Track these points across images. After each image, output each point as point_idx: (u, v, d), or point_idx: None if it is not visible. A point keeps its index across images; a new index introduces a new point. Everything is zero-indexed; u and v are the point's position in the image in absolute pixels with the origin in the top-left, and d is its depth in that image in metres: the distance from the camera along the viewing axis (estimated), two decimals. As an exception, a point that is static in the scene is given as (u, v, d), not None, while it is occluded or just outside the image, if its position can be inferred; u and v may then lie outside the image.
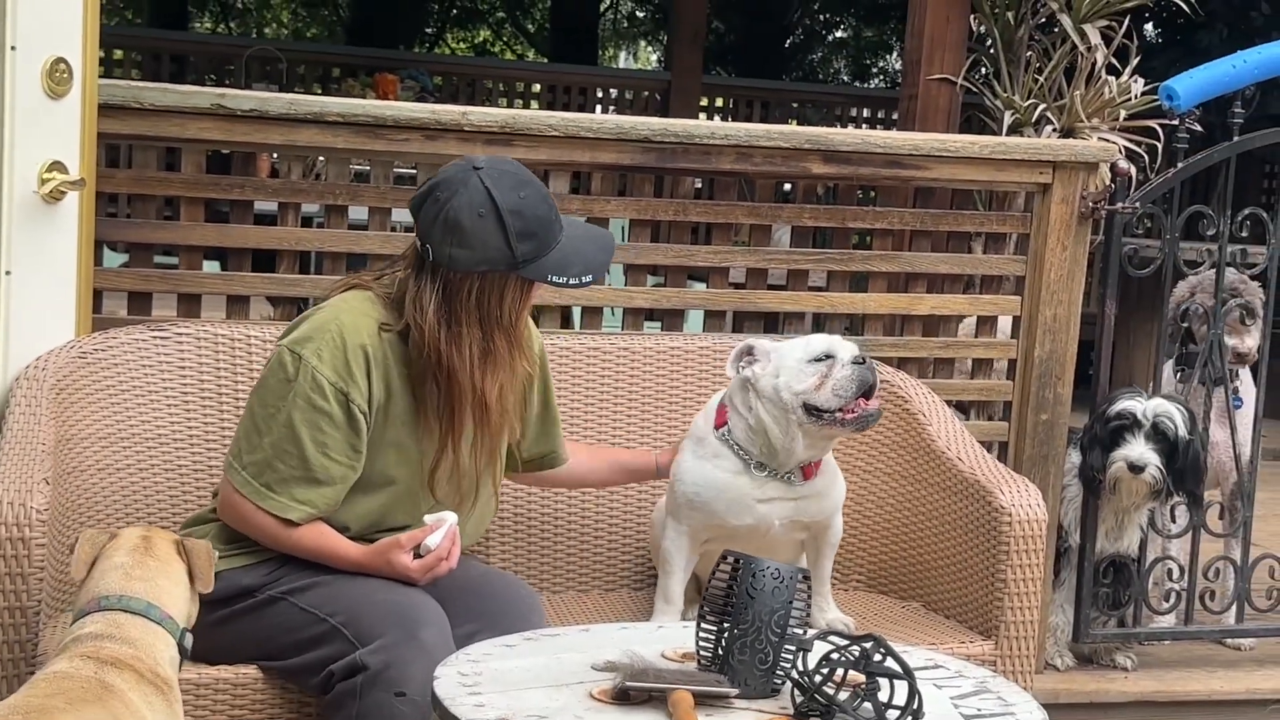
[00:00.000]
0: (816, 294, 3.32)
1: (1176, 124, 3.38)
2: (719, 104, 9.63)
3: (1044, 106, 4.71)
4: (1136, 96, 4.67)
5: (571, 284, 2.35)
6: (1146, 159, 4.59)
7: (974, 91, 4.94)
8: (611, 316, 3.65)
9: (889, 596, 3.04)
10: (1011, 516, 2.73)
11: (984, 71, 4.96)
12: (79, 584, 2.12)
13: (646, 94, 9.25)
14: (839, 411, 2.55)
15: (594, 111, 8.94)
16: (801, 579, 2.05)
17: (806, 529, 2.72)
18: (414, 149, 2.96)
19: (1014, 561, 2.73)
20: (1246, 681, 3.47)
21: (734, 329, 3.35)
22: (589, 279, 2.36)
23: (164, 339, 2.79)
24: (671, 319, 3.29)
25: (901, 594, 3.02)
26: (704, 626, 2.05)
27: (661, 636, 2.26)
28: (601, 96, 9.28)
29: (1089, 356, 3.41)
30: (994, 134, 4.68)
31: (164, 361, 2.78)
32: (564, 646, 2.18)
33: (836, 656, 1.93)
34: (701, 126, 3.17)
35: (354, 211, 3.07)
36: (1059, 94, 4.80)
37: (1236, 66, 3.35)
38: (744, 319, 3.33)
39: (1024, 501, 2.75)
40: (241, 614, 2.36)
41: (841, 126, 9.16)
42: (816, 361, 2.58)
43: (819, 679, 1.92)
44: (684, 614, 2.73)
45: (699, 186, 3.42)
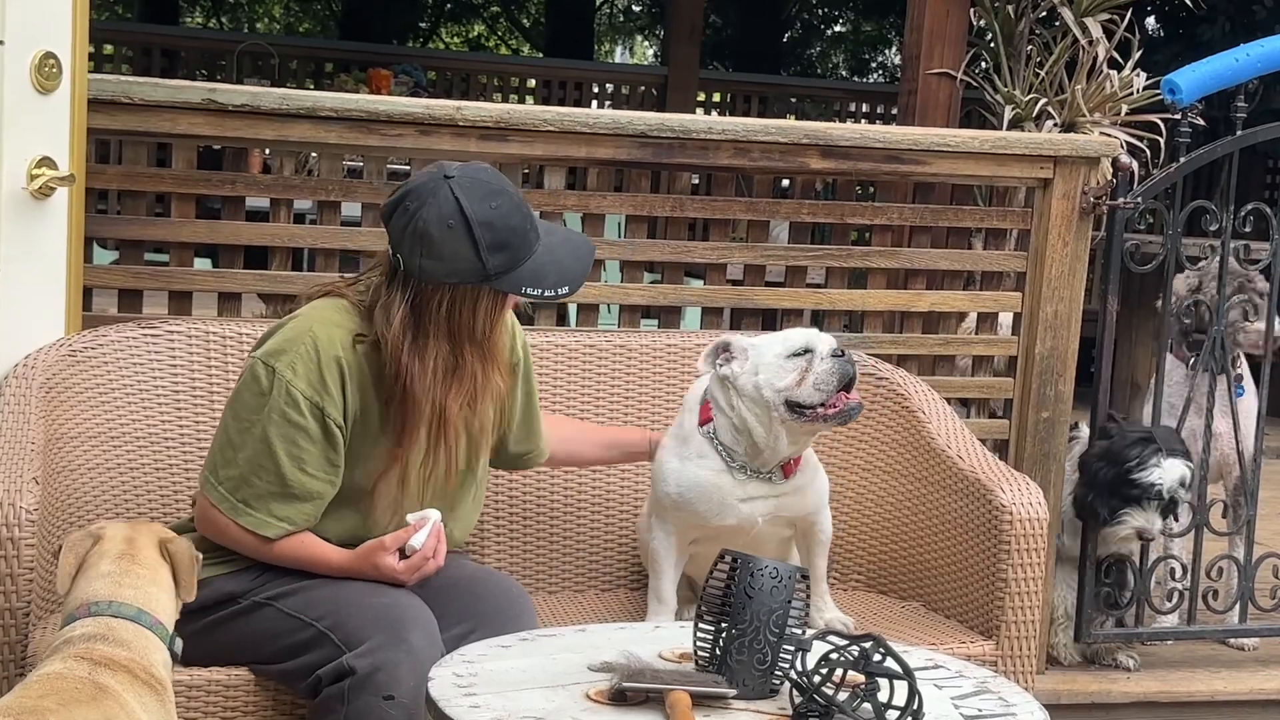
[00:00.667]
0: (815, 291, 3.30)
1: (1179, 118, 3.35)
2: (716, 99, 9.62)
3: (1045, 101, 4.69)
4: (1138, 91, 4.64)
5: (547, 296, 2.30)
6: (1148, 154, 4.56)
7: (974, 86, 4.91)
8: (608, 314, 3.63)
9: (888, 596, 3.02)
10: (1012, 515, 2.71)
11: (984, 66, 4.94)
12: (64, 593, 2.09)
13: (643, 89, 9.23)
14: (821, 407, 2.53)
15: (590, 107, 8.92)
16: (800, 578, 2.03)
17: (791, 525, 2.71)
18: (408, 144, 2.93)
19: (1015, 560, 2.71)
20: (1250, 682, 3.45)
21: (732, 326, 3.32)
22: (565, 290, 2.31)
23: (155, 337, 2.77)
24: (668, 316, 3.26)
25: (901, 593, 3.00)
26: (701, 626, 2.03)
27: (658, 637, 2.24)
28: (597, 91, 9.26)
29: (1090, 353, 3.39)
30: (994, 129, 4.66)
31: (155, 359, 2.76)
32: (560, 647, 2.16)
33: (836, 656, 1.91)
34: (699, 121, 3.15)
35: (347, 208, 3.04)
36: (1060, 88, 4.77)
37: (1239, 60, 3.32)
38: (742, 316, 3.30)
39: (1025, 500, 2.73)
40: (227, 620, 2.34)
41: (840, 122, 9.14)
42: (795, 356, 2.56)
43: (818, 679, 1.90)
44: (678, 614, 2.71)
45: (696, 182, 3.39)
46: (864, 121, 9.52)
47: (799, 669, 1.93)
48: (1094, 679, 3.38)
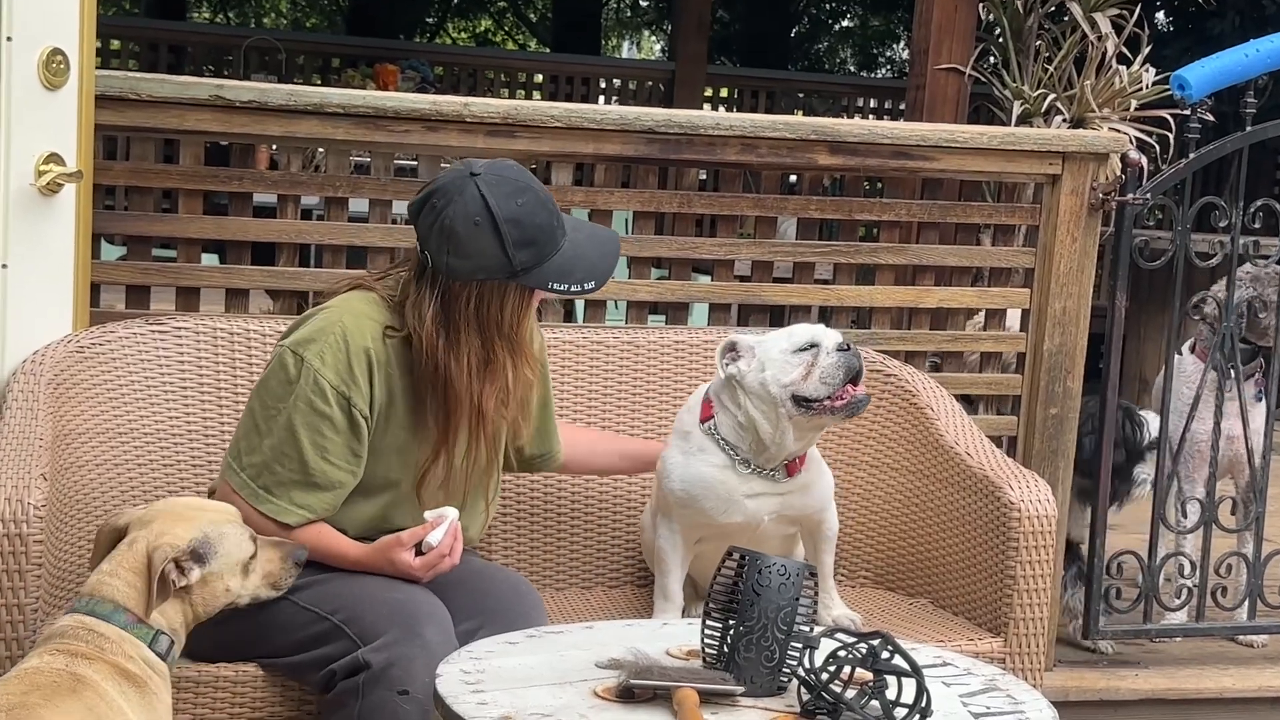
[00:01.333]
0: (823, 287, 3.29)
1: (1188, 114, 3.34)
2: (723, 94, 9.61)
3: (1054, 96, 4.68)
4: (1147, 86, 4.64)
5: (574, 292, 2.33)
6: (1158, 149, 4.55)
7: (982, 81, 4.91)
8: (615, 310, 3.63)
9: (896, 593, 3.01)
10: (1021, 512, 2.70)
11: (993, 61, 4.94)
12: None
13: (650, 84, 9.22)
14: (828, 399, 2.53)
15: (597, 102, 8.91)
16: (808, 575, 2.03)
17: (796, 523, 2.71)
18: (415, 140, 2.93)
19: (1023, 558, 2.70)
20: (1259, 679, 3.44)
21: (739, 322, 3.32)
22: (592, 285, 2.34)
23: (162, 333, 2.77)
24: (676, 312, 3.26)
25: (909, 590, 3.00)
26: (709, 624, 2.03)
27: (666, 634, 2.24)
28: (605, 87, 9.24)
29: (1099, 350, 3.38)
30: (1003, 124, 4.66)
31: (162, 356, 2.76)
32: (568, 644, 2.16)
33: (844, 654, 1.90)
34: (706, 117, 3.15)
35: (354, 204, 3.04)
36: (1069, 84, 4.77)
37: (1249, 55, 3.31)
38: (749, 312, 3.30)
39: (1034, 497, 2.72)
40: (242, 612, 2.33)
41: (848, 117, 9.13)
42: (801, 351, 2.56)
43: (826, 676, 1.89)
44: (685, 611, 2.71)
45: (703, 178, 3.39)
46: (872, 117, 9.50)
47: (807, 666, 1.92)
48: (1102, 676, 3.37)
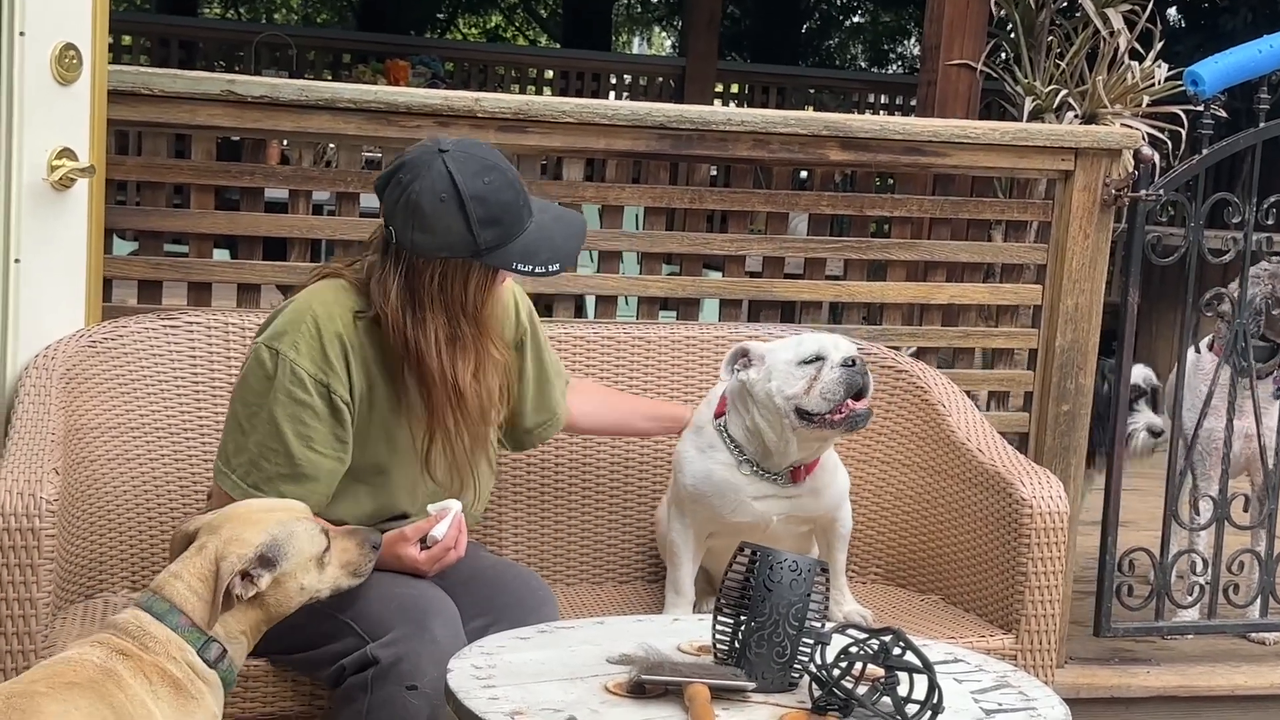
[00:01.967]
0: (834, 283, 3.29)
1: (1201, 110, 3.33)
2: (734, 90, 9.58)
3: (1066, 92, 4.66)
4: (1160, 82, 4.62)
5: (538, 273, 2.31)
6: (1170, 145, 4.54)
7: (994, 77, 4.89)
8: (626, 305, 3.63)
9: (908, 589, 3.01)
10: (1032, 509, 2.70)
11: (1004, 57, 4.92)
12: None
13: (661, 80, 9.21)
14: (828, 414, 2.53)
15: (607, 98, 8.91)
16: (819, 571, 2.02)
17: (808, 523, 2.71)
18: (426, 136, 2.92)
19: (1035, 554, 2.70)
20: (1271, 677, 3.43)
21: (750, 318, 3.32)
22: (556, 268, 2.32)
23: (174, 328, 2.77)
24: (687, 308, 3.26)
25: (920, 587, 2.99)
26: (721, 619, 2.03)
27: (677, 629, 2.24)
28: (615, 82, 9.24)
29: (1110, 346, 3.37)
30: (1015, 120, 4.64)
31: (174, 350, 2.76)
32: (578, 639, 2.16)
33: (855, 650, 1.90)
34: (718, 113, 3.14)
35: (365, 199, 3.03)
36: (1081, 79, 4.75)
37: (1262, 51, 3.30)
38: (760, 308, 3.30)
39: (1045, 493, 2.71)
40: None
41: (859, 113, 9.11)
42: (806, 364, 2.56)
43: (837, 673, 1.89)
44: (695, 606, 2.71)
45: (714, 174, 3.38)
46: (883, 113, 9.48)
47: (818, 662, 1.92)
48: (1114, 673, 3.36)
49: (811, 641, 1.95)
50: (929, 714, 1.87)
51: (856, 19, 15.80)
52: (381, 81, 7.37)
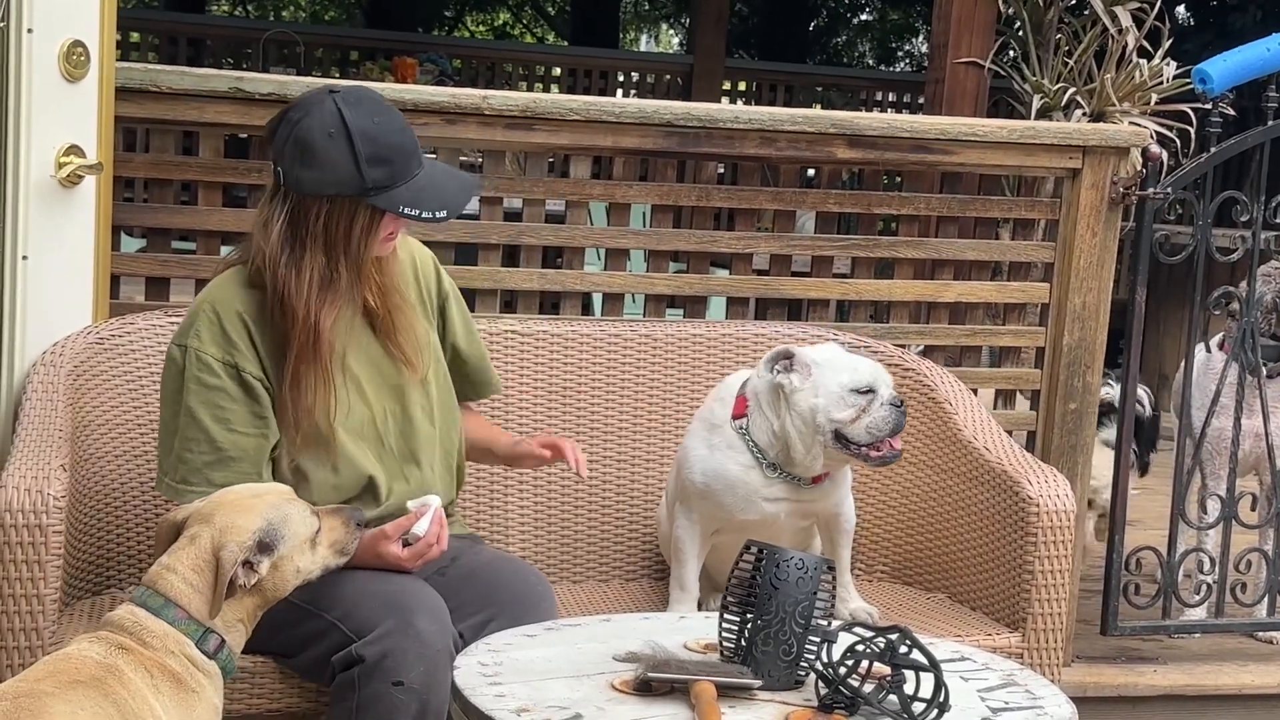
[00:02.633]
0: (841, 281, 3.28)
1: (1209, 108, 3.32)
2: (742, 88, 9.58)
3: (1073, 90, 4.66)
4: (1168, 80, 4.61)
5: (424, 218, 2.29)
6: (1178, 144, 4.53)
7: (1002, 75, 4.89)
8: (633, 303, 3.63)
9: (914, 587, 3.01)
10: (1039, 507, 2.69)
11: (1012, 55, 4.92)
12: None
13: (668, 78, 9.20)
14: (867, 447, 2.55)
15: (615, 96, 8.90)
16: (826, 569, 2.02)
17: (811, 516, 2.71)
18: (433, 133, 2.93)
19: (1041, 553, 2.69)
20: (1278, 676, 3.42)
21: (757, 316, 3.31)
22: (443, 215, 2.30)
23: (182, 324, 2.77)
24: (694, 306, 3.25)
25: (927, 585, 2.99)
26: (727, 617, 2.03)
27: (683, 627, 2.24)
28: (623, 80, 9.23)
29: (1118, 345, 3.36)
30: (1022, 118, 4.63)
31: (182, 347, 2.75)
32: (585, 637, 2.16)
33: (862, 648, 1.90)
34: (725, 111, 3.14)
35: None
36: (1089, 78, 4.75)
37: (1271, 49, 3.28)
38: (767, 306, 3.29)
39: (1052, 492, 2.71)
40: None
41: (866, 111, 9.10)
42: (859, 393, 2.56)
43: (844, 671, 1.89)
44: (700, 603, 2.71)
45: (722, 172, 3.38)
46: (890, 111, 9.46)
47: (825, 660, 1.92)
48: (1120, 672, 3.36)
49: (818, 639, 1.95)
50: (935, 712, 1.86)
51: (864, 17, 15.78)
52: (389, 79, 7.37)
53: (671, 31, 18.31)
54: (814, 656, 1.96)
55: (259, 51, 7.91)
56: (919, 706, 1.86)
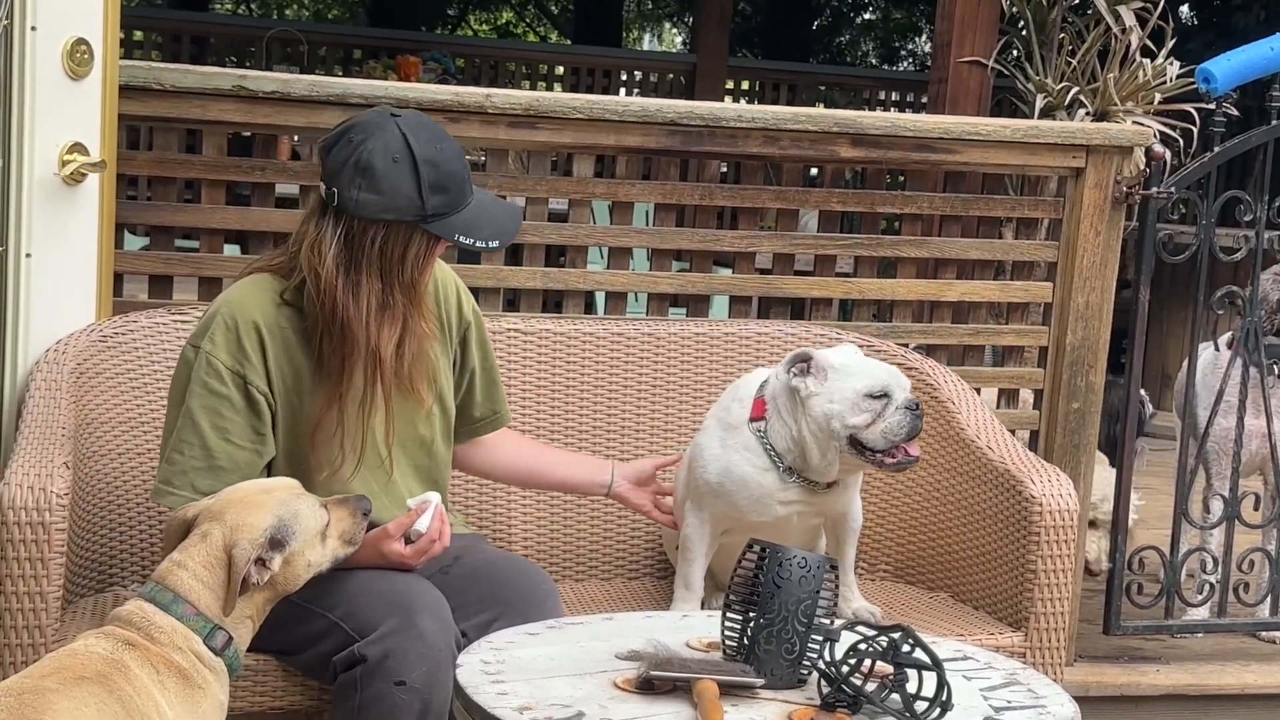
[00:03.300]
0: (844, 280, 3.28)
1: (1213, 108, 3.31)
2: (745, 87, 9.58)
3: (1077, 90, 4.66)
4: (1171, 80, 4.61)
5: (479, 246, 2.30)
6: (1182, 143, 4.53)
7: (1005, 74, 4.89)
8: (635, 302, 3.62)
9: (917, 587, 3.01)
10: (1042, 506, 2.69)
11: (1015, 54, 4.91)
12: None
13: (671, 77, 9.21)
14: (882, 452, 2.53)
15: (618, 94, 8.90)
16: (829, 568, 2.02)
17: (821, 516, 2.71)
18: (437, 131, 2.92)
19: (1044, 552, 2.69)
20: (1280, 675, 3.42)
21: (760, 315, 3.31)
22: (496, 244, 2.33)
23: (185, 323, 2.77)
24: (697, 304, 3.25)
25: (930, 584, 2.99)
26: (729, 616, 2.03)
27: (686, 625, 2.24)
28: (626, 79, 9.24)
29: (1121, 344, 3.36)
30: (1026, 118, 4.63)
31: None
32: (588, 635, 2.16)
33: (864, 647, 1.90)
34: (728, 109, 3.14)
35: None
36: (1092, 77, 4.75)
37: (1275, 49, 3.28)
38: (770, 305, 3.29)
39: (1055, 491, 2.71)
40: None
41: (870, 110, 9.10)
42: (873, 399, 2.54)
43: (846, 669, 1.89)
44: (703, 602, 2.71)
45: (725, 171, 3.38)
46: (894, 110, 9.47)
47: (827, 659, 1.92)
48: (1123, 671, 3.35)
49: (820, 638, 1.95)
50: (938, 711, 1.86)
51: (867, 16, 15.79)
52: (392, 77, 7.37)
53: (674, 30, 18.31)
54: (817, 655, 1.95)
55: (262, 50, 7.92)
56: (922, 705, 1.86)
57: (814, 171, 3.61)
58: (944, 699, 1.86)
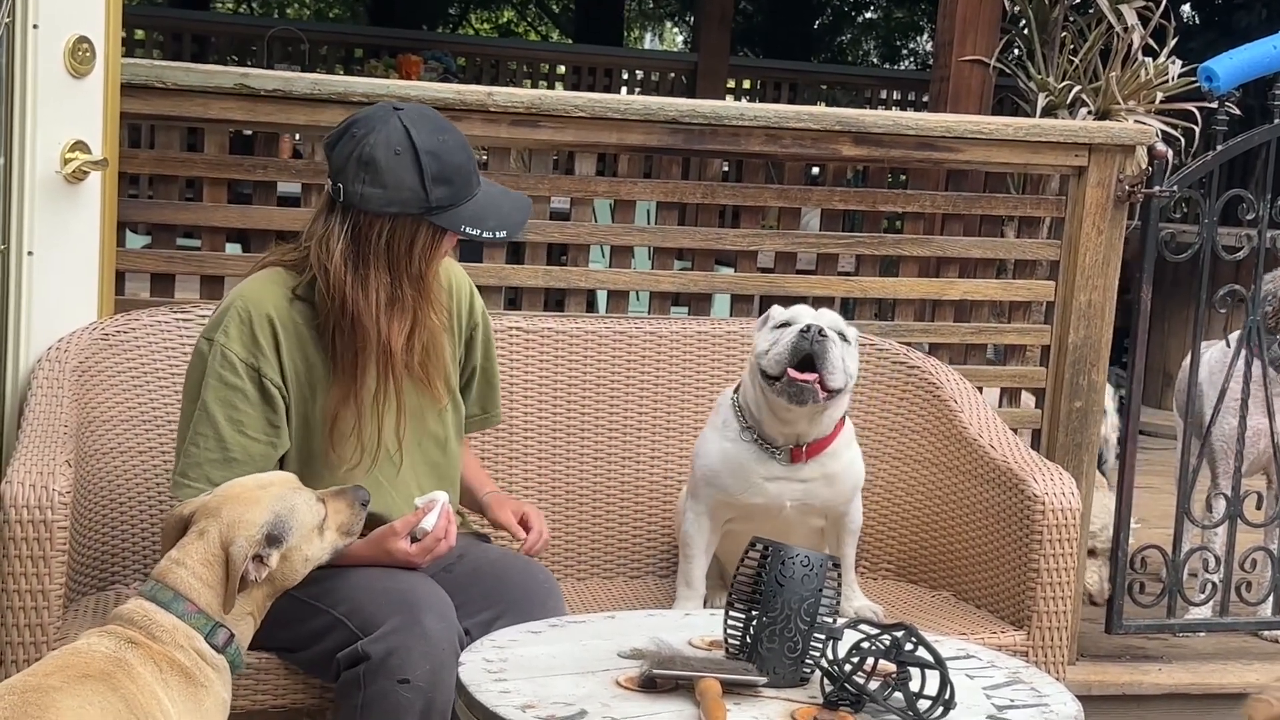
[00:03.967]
0: (846, 278, 3.28)
1: (1215, 106, 3.31)
2: (746, 86, 9.58)
3: (1079, 88, 4.65)
4: (1173, 78, 4.60)
5: (484, 237, 2.31)
6: (1184, 142, 4.52)
7: (1007, 73, 4.88)
8: (637, 301, 3.62)
9: (919, 586, 3.00)
10: (1044, 505, 2.69)
11: (1017, 53, 4.91)
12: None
13: (673, 76, 9.20)
14: (778, 380, 2.53)
15: (620, 93, 8.90)
16: (831, 567, 2.02)
17: (822, 515, 2.70)
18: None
19: (1047, 551, 2.69)
20: (1282, 674, 3.42)
21: (762, 313, 3.30)
22: (503, 234, 2.32)
23: (186, 321, 2.77)
24: (698, 303, 3.25)
25: (932, 583, 2.99)
26: (732, 614, 2.03)
27: (688, 624, 2.24)
28: (627, 78, 9.23)
29: (1123, 343, 3.36)
30: (1028, 116, 4.63)
31: (186, 343, 2.76)
32: (590, 633, 2.16)
33: (867, 645, 1.89)
34: (730, 108, 3.14)
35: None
36: (1094, 76, 4.74)
37: (1277, 47, 3.28)
38: (772, 303, 3.28)
39: (1057, 490, 2.71)
40: None
41: (872, 109, 9.09)
42: (779, 327, 2.59)
43: (849, 668, 1.89)
44: (705, 600, 2.71)
45: (726, 169, 3.38)
46: (895, 109, 9.46)
47: (830, 657, 1.92)
48: (1126, 670, 3.35)
49: (823, 636, 1.95)
50: (941, 709, 1.86)
51: (869, 15, 15.78)
52: (393, 76, 7.37)
53: (676, 29, 18.30)
54: (819, 654, 1.95)
55: (264, 48, 7.92)
56: (924, 704, 1.86)
57: (816, 170, 3.61)
58: (947, 697, 1.86)
